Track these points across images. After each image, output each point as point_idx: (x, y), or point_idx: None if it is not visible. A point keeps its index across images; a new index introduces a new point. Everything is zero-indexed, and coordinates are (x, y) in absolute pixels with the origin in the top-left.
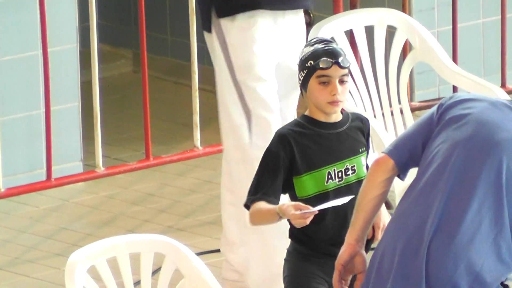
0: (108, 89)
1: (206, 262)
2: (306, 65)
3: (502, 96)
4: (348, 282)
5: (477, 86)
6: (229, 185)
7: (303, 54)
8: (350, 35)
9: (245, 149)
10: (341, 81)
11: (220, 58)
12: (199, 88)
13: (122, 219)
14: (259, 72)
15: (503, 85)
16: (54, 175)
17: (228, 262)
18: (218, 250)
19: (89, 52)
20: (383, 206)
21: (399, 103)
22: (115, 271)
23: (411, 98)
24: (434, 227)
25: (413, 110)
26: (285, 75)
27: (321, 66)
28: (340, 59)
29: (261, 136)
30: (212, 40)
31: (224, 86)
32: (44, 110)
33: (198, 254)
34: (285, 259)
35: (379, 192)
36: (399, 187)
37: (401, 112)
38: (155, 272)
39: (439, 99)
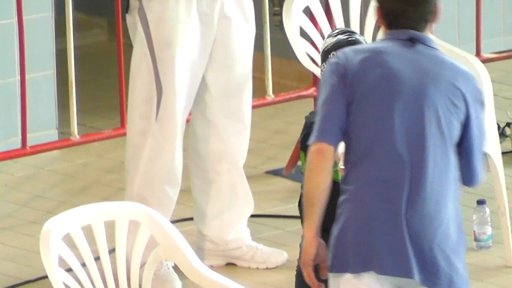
0: (83, 58)
1: (180, 230)
2: (329, 56)
3: (476, 64)
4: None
5: (452, 54)
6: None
7: (325, 45)
8: (325, 3)
9: (149, 122)
10: None
11: (141, 35)
12: None
13: (97, 187)
14: (178, 51)
15: (478, 53)
16: (29, 143)
17: (201, 233)
18: (192, 218)
19: (64, 20)
20: None
21: None
22: (90, 239)
23: None
24: (405, 198)
25: None
26: (226, 50)
27: None
28: None
29: (167, 113)
30: (132, 20)
31: (142, 61)
32: (19, 78)
33: (173, 222)
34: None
35: (329, 180)
36: None
37: None
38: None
39: None
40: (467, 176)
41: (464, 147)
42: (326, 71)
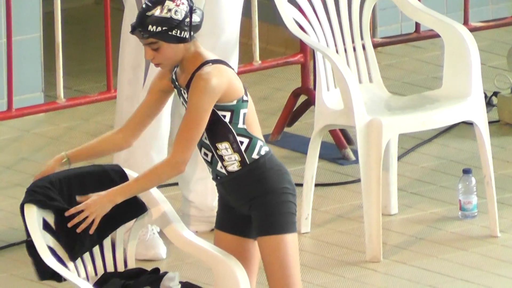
0: (70, 21)
1: (166, 195)
2: None
3: (463, 32)
4: None
5: (440, 23)
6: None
7: None
8: None
9: (137, 88)
10: (151, 48)
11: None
12: None
13: None
14: None
15: (465, 22)
16: (15, 105)
17: (186, 199)
18: (177, 183)
19: None
20: None
21: (362, 39)
22: None
23: (373, 34)
24: None
25: (375, 46)
26: (214, 18)
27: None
28: (136, 31)
29: None
30: None
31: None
32: (5, 40)
33: (158, 187)
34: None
35: None
36: (360, 123)
37: (364, 48)
38: None
39: (401, 35)
40: None
41: None
42: None
